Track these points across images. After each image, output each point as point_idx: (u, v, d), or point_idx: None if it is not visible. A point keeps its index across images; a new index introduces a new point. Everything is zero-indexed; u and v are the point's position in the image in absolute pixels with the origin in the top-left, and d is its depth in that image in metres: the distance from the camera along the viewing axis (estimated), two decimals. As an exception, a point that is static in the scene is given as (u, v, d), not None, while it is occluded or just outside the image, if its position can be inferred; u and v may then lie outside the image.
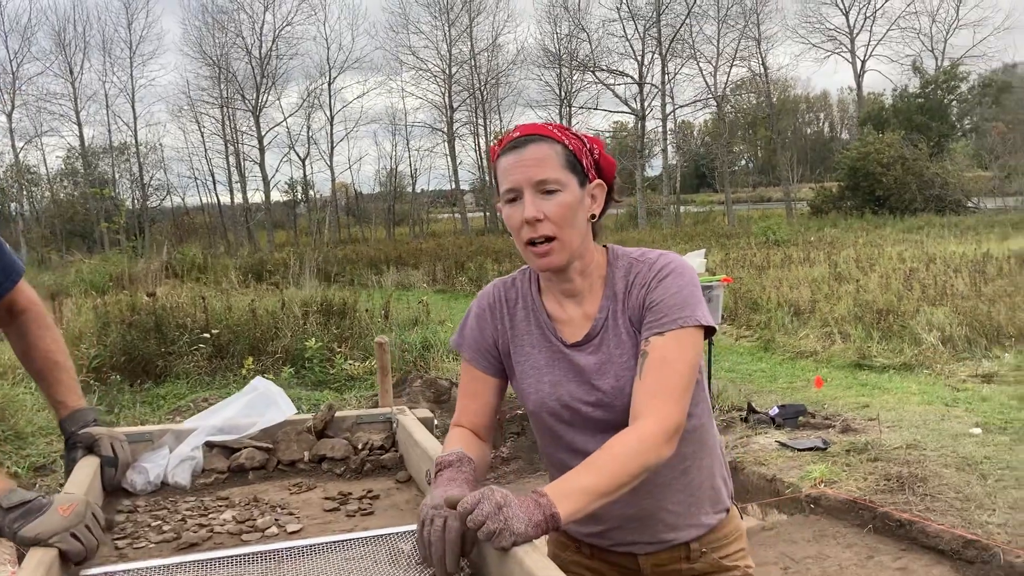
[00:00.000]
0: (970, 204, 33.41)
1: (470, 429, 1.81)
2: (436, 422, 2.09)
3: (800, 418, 6.92)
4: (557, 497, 1.39)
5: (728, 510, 1.88)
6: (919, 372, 8.62)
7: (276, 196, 44.99)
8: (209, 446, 1.98)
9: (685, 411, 1.59)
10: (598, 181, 1.72)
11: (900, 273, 13.05)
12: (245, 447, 1.98)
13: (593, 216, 1.71)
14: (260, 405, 2.07)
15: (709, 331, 1.67)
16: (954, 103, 40.19)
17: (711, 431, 1.85)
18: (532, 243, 1.63)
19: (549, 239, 1.62)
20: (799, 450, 6.17)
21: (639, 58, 41.59)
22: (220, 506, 1.77)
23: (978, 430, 6.49)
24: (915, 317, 10.04)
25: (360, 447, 2.04)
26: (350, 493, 1.85)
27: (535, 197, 1.61)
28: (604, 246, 1.78)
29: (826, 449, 6.17)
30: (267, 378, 8.10)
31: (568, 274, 1.70)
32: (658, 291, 1.65)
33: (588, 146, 1.71)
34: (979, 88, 39.89)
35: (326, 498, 1.83)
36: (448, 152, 44.50)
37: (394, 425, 2.11)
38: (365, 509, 1.76)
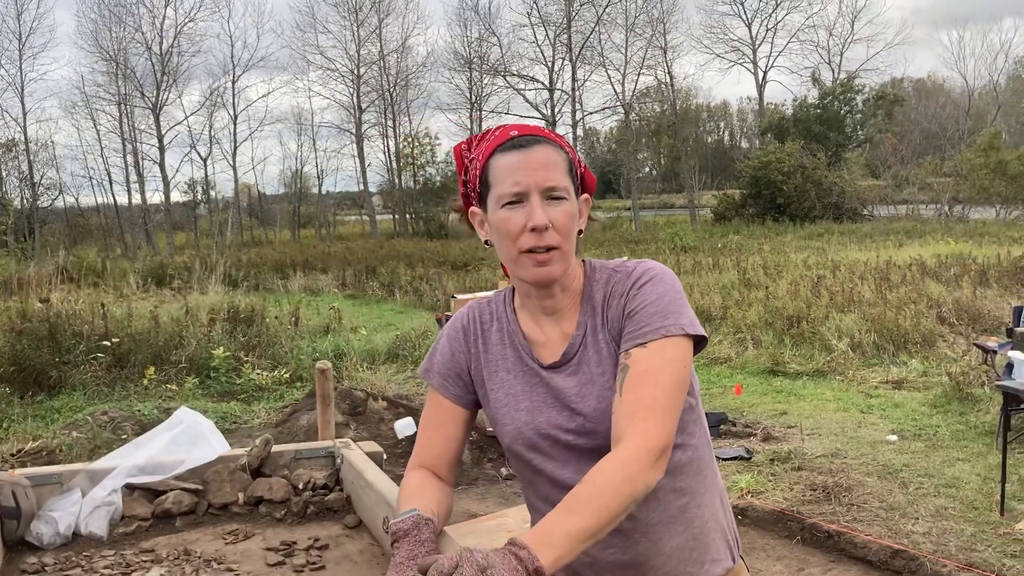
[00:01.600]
0: (865, 212, 34.63)
1: (431, 469, 1.64)
2: (385, 456, 1.89)
3: (722, 426, 6.92)
4: (537, 546, 1.22)
5: (734, 560, 1.67)
6: (832, 378, 8.77)
7: (176, 197, 43.57)
8: (129, 488, 1.74)
9: (672, 430, 1.41)
10: (585, 195, 1.60)
11: (807, 280, 13.32)
12: (171, 489, 1.75)
13: (580, 231, 1.57)
14: (187, 440, 1.83)
15: (699, 343, 1.51)
16: (849, 114, 41.66)
17: (711, 465, 1.67)
18: (531, 251, 1.48)
19: (550, 249, 1.48)
20: (724, 460, 6.15)
21: (549, 64, 41.86)
22: (145, 561, 1.53)
23: (894, 437, 6.59)
24: (825, 324, 10.23)
25: (301, 487, 1.82)
26: (294, 542, 1.64)
27: (543, 203, 1.47)
28: (582, 260, 1.63)
29: (750, 458, 6.17)
30: (171, 389, 7.58)
31: (551, 289, 1.55)
32: (637, 299, 1.51)
33: (578, 157, 1.58)
34: (873, 100, 41.46)
35: (268, 549, 1.61)
36: (356, 153, 43.87)
37: (338, 461, 1.90)
38: (314, 562, 1.55)
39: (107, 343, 9.30)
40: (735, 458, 6.17)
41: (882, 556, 4.68)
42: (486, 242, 1.58)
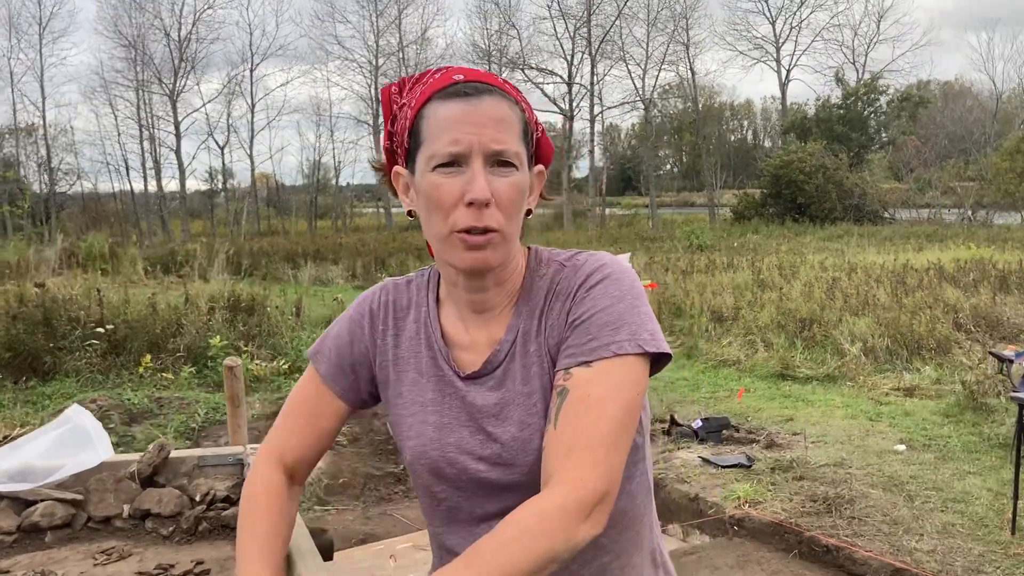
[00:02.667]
0: (886, 215, 34.16)
1: (289, 465, 1.37)
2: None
3: (724, 432, 6.67)
4: None
5: None
6: (842, 384, 8.49)
7: (193, 184, 43.66)
8: (-3, 497, 1.54)
9: (615, 474, 1.13)
10: (540, 167, 1.29)
11: (822, 282, 13.02)
12: (43, 499, 1.54)
13: (529, 211, 1.27)
14: (71, 443, 1.62)
15: (660, 360, 1.22)
16: (873, 115, 41.14)
17: (646, 518, 1.36)
18: (464, 230, 1.18)
19: (489, 231, 1.18)
20: (723, 467, 5.91)
21: (568, 58, 41.58)
22: (-6, 585, 1.33)
23: (902, 447, 6.32)
24: (838, 327, 9.95)
25: (198, 499, 1.61)
26: (172, 566, 1.42)
27: (486, 171, 1.17)
28: (526, 248, 1.33)
29: (750, 466, 5.91)
30: (167, 378, 7.35)
31: (484, 281, 1.26)
32: (586, 304, 1.21)
33: (535, 117, 1.28)
34: (897, 102, 40.91)
35: (140, 572, 1.40)
36: (374, 145, 43.75)
37: (245, 470, 1.68)
38: (187, 592, 1.34)
39: (102, 330, 9.15)
40: (735, 465, 5.92)
41: (883, 574, 4.43)
42: (409, 213, 1.29)
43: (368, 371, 1.37)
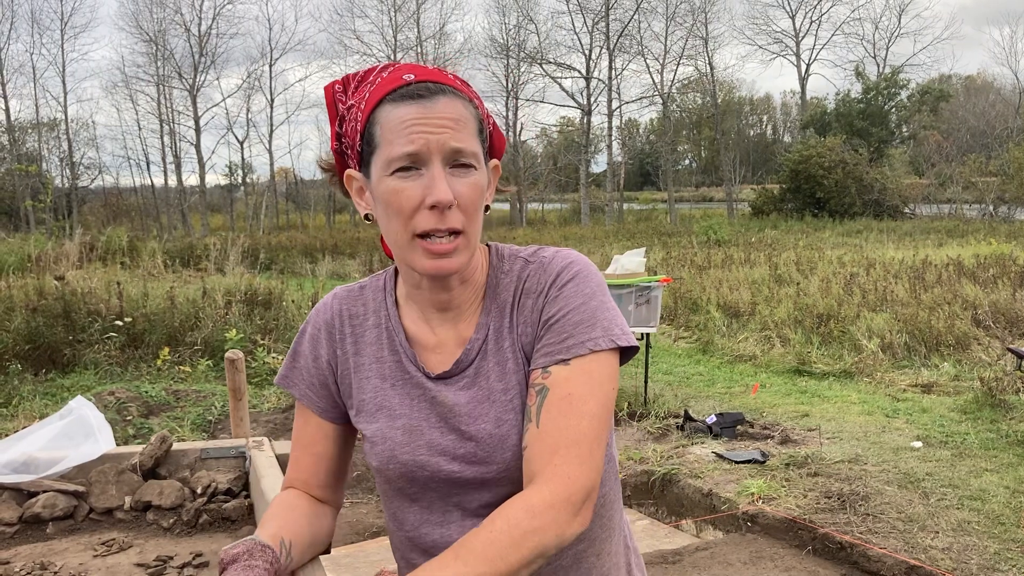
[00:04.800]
0: (906, 210, 33.88)
1: (303, 489, 1.39)
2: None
3: (738, 427, 6.64)
4: None
5: None
6: (859, 380, 8.43)
7: (213, 179, 43.88)
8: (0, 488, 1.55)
9: (599, 468, 1.16)
10: (494, 161, 1.27)
11: (840, 277, 12.94)
12: (45, 491, 1.55)
13: (487, 207, 1.26)
14: (74, 434, 1.62)
15: (626, 353, 1.24)
16: (894, 110, 40.79)
17: (615, 504, 1.37)
18: (428, 234, 1.16)
19: (452, 232, 1.17)
20: (736, 463, 5.88)
21: (587, 52, 41.47)
22: (-6, 574, 1.34)
23: (919, 444, 6.27)
24: (855, 323, 9.88)
25: (199, 491, 1.61)
26: (171, 557, 1.42)
27: (446, 173, 1.16)
28: (485, 245, 1.33)
29: (764, 462, 5.88)
30: (184, 371, 7.39)
31: (448, 281, 1.25)
32: (559, 302, 1.22)
33: (487, 112, 1.27)
34: (918, 96, 40.53)
35: (139, 564, 1.40)
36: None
37: (247, 463, 1.69)
38: (184, 584, 1.34)
39: (120, 323, 9.22)
40: (749, 461, 5.89)
41: (897, 572, 4.40)
42: (366, 216, 1.26)
43: (336, 384, 1.36)
